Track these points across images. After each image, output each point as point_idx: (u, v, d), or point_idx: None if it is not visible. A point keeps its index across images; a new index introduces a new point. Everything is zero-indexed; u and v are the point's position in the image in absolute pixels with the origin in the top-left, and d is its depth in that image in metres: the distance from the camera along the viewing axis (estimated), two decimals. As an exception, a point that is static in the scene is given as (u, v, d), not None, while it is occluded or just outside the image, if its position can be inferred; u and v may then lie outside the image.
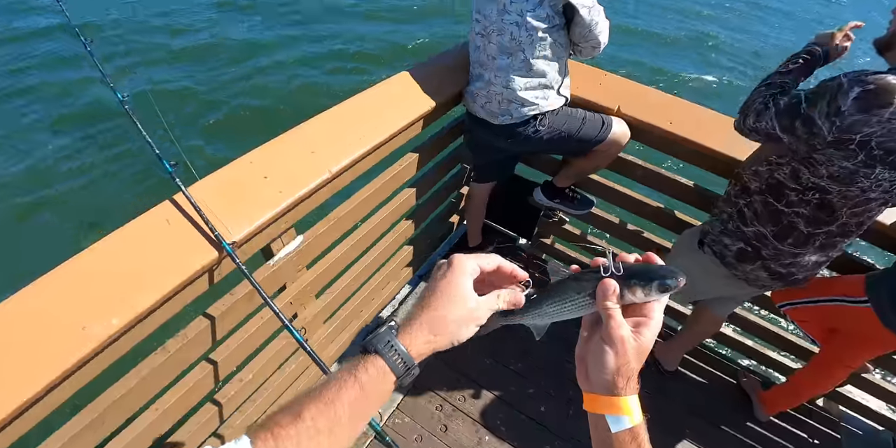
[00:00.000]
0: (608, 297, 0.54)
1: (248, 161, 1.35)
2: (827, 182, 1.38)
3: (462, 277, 0.56)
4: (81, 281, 1.06)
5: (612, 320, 0.53)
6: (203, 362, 1.42)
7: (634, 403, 0.54)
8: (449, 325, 0.54)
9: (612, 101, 1.88)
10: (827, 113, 1.27)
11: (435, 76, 1.81)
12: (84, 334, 0.99)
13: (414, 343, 0.53)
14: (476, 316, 0.56)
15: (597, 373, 0.54)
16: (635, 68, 6.54)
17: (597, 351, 0.54)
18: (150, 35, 6.10)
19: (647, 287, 0.54)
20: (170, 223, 1.19)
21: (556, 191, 2.21)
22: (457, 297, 0.55)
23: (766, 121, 1.42)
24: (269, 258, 1.47)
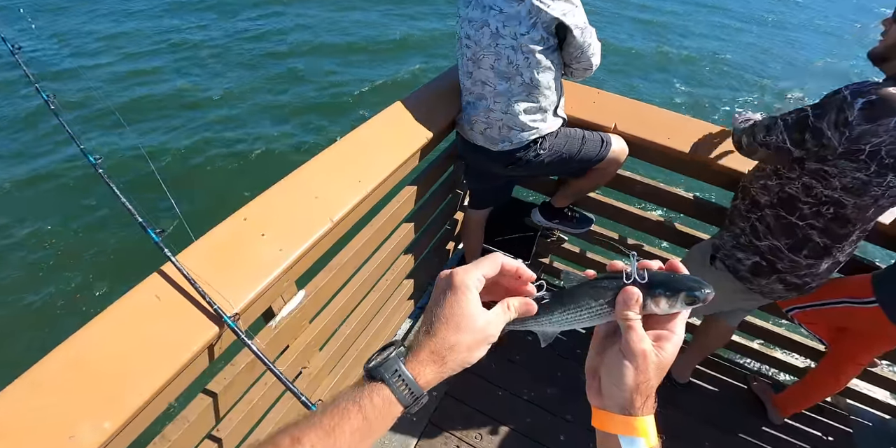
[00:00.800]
0: (630, 307, 0.49)
1: (241, 218, 1.22)
2: (841, 194, 1.37)
3: (466, 296, 0.49)
4: (64, 381, 0.91)
5: (633, 332, 0.49)
6: (206, 441, 1.28)
7: (651, 424, 0.49)
8: (459, 352, 0.49)
9: (608, 118, 1.84)
10: (836, 123, 1.27)
11: (428, 106, 1.72)
12: (72, 445, 0.85)
13: (422, 372, 0.48)
14: (487, 335, 0.50)
15: (612, 389, 0.50)
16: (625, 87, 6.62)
17: (614, 365, 0.50)
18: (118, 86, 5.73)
19: (672, 298, 0.49)
20: (161, 299, 1.05)
21: (554, 211, 2.14)
22: (463, 321, 0.49)
23: (777, 135, 1.42)
24: (270, 319, 1.34)
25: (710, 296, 0.49)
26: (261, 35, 6.89)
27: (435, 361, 0.48)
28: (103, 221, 3.97)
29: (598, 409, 0.52)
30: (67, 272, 3.63)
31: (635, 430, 0.48)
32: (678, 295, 0.49)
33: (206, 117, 5.28)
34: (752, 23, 9.53)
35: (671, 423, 2.11)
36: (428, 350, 0.49)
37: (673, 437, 2.05)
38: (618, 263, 0.53)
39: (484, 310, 0.50)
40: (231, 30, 6.82)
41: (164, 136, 4.99)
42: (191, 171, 4.57)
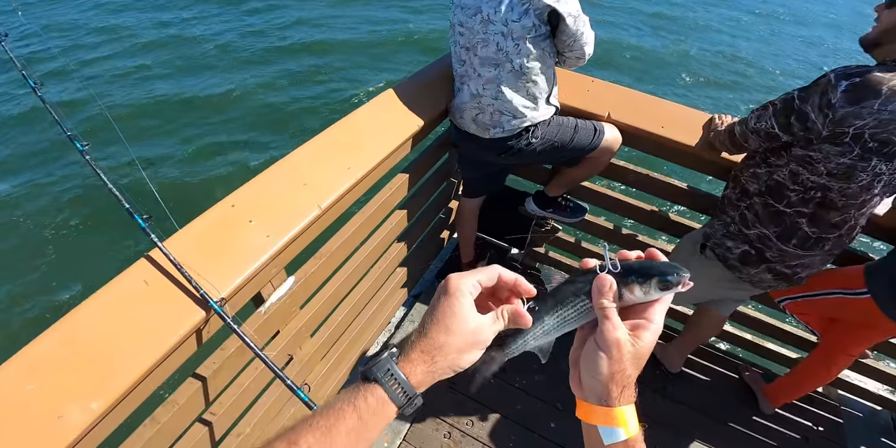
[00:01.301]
0: (604, 294, 0.50)
1: (229, 204, 1.23)
2: (826, 179, 1.37)
3: (459, 300, 0.51)
4: (53, 361, 0.93)
5: (608, 322, 0.49)
6: (197, 424, 1.30)
7: (630, 414, 0.49)
8: (448, 353, 0.50)
9: (602, 107, 1.82)
10: (819, 106, 1.28)
11: (420, 93, 1.71)
12: (61, 424, 0.87)
13: (414, 372, 0.49)
14: (478, 339, 0.51)
15: (589, 379, 0.50)
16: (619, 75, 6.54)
17: (590, 355, 0.50)
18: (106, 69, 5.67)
19: (646, 284, 0.49)
20: (148, 284, 1.06)
21: (548, 200, 2.14)
22: (453, 323, 0.50)
23: (766, 121, 1.42)
24: (259, 305, 1.35)
25: (685, 279, 0.49)
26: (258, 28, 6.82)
27: (425, 361, 0.49)
28: (91, 207, 3.98)
29: (581, 400, 0.52)
30: (55, 256, 3.65)
31: (614, 421, 0.49)
32: (650, 280, 0.49)
33: (195, 106, 5.26)
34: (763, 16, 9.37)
35: (662, 412, 2.13)
36: (418, 349, 0.50)
37: (664, 425, 2.07)
38: (589, 261, 0.53)
39: (476, 314, 0.51)
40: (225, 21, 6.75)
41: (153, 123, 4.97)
42: (180, 160, 4.56)
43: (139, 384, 0.97)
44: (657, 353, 2.28)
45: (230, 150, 4.75)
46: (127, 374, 0.95)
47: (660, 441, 2.01)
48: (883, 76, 1.20)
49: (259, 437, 1.57)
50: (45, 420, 0.86)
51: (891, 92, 1.18)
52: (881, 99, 1.19)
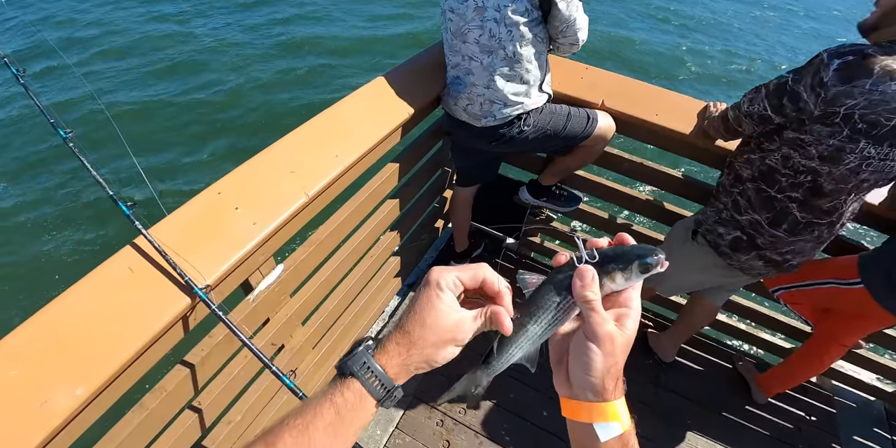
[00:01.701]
0: (587, 286, 0.48)
1: (215, 192, 1.22)
2: (817, 163, 1.36)
3: (436, 293, 0.50)
4: (37, 348, 0.93)
5: (596, 315, 0.48)
6: (187, 410, 1.31)
7: (623, 407, 0.49)
8: (423, 347, 0.49)
9: (596, 95, 1.81)
10: (811, 85, 1.27)
11: (411, 81, 1.69)
12: (45, 410, 0.87)
13: (390, 363, 0.49)
14: (455, 336, 0.49)
15: (582, 376, 0.48)
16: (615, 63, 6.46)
17: (580, 351, 0.48)
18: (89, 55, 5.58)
19: (626, 270, 0.48)
20: (133, 271, 1.06)
21: (541, 189, 2.13)
22: (430, 317, 0.49)
23: (759, 103, 1.41)
24: (248, 292, 1.35)
25: (663, 259, 0.48)
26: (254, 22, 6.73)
27: (400, 353, 0.49)
28: (76, 194, 3.94)
29: (569, 399, 0.51)
30: (40, 244, 3.64)
31: (609, 416, 0.48)
32: (631, 265, 0.48)
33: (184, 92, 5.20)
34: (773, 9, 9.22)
35: (655, 401, 2.14)
36: (394, 341, 0.49)
37: (656, 414, 2.08)
38: (561, 256, 0.52)
39: (456, 310, 0.50)
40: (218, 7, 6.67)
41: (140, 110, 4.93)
42: (167, 146, 4.52)
43: (125, 370, 0.98)
44: (650, 343, 2.28)
45: (217, 137, 4.71)
46: (112, 360, 0.94)
47: (652, 430, 2.03)
48: (876, 56, 1.19)
49: (250, 424, 1.58)
50: (28, 406, 0.86)
51: (883, 72, 1.17)
52: (872, 78, 1.18)
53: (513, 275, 0.55)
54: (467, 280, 0.51)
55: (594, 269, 0.48)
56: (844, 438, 2.12)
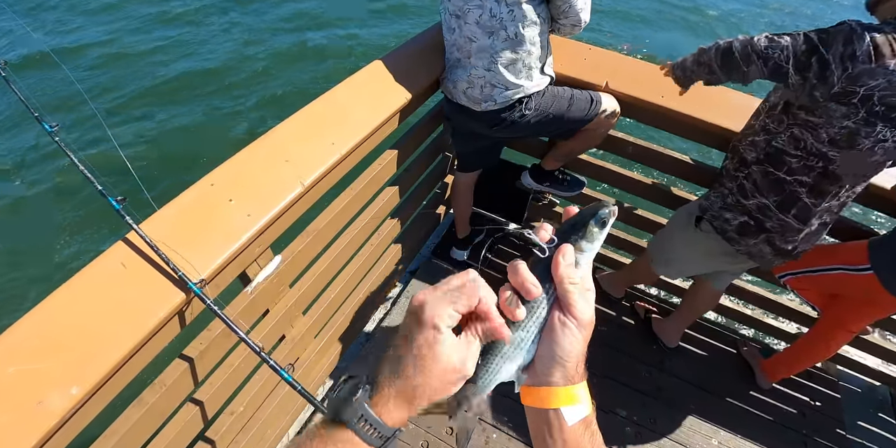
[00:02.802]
0: (567, 267, 0.46)
1: (208, 183, 1.19)
2: (828, 148, 1.32)
3: (435, 337, 0.44)
4: (32, 346, 0.91)
5: (581, 300, 0.46)
6: (188, 404, 1.30)
7: (586, 389, 0.48)
8: (432, 392, 0.45)
9: (600, 76, 1.75)
10: (842, 56, 1.19)
11: (409, 64, 1.64)
12: (41, 410, 0.85)
13: (390, 415, 0.44)
14: (461, 375, 0.45)
15: (553, 362, 0.47)
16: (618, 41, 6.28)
17: (557, 338, 0.47)
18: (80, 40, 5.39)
19: (588, 233, 0.47)
20: (126, 266, 1.03)
21: (544, 174, 2.09)
22: (435, 363, 0.44)
23: (781, 50, 1.27)
24: (247, 284, 1.33)
25: (614, 208, 0.48)
26: None
27: (400, 405, 0.44)
28: (65, 189, 3.86)
29: (533, 388, 0.49)
30: (31, 241, 3.58)
31: (577, 398, 0.47)
32: (587, 227, 0.47)
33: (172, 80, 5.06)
34: None
35: (658, 386, 2.13)
36: (395, 390, 0.44)
37: (660, 400, 2.08)
38: (517, 262, 0.48)
39: (458, 347, 0.45)
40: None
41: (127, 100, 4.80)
42: (158, 138, 4.41)
43: (121, 367, 0.96)
44: (654, 328, 2.27)
45: (210, 127, 4.59)
46: (106, 358, 0.93)
47: (655, 415, 2.02)
48: None
49: (252, 415, 1.58)
50: (24, 405, 0.85)
51: None
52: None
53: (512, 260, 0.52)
54: (463, 307, 0.45)
55: (571, 247, 0.47)
56: (849, 423, 2.12)
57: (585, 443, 0.47)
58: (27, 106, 1.05)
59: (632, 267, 2.26)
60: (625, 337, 2.28)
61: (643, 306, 2.37)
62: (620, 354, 2.22)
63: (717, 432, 2.02)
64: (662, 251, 1.92)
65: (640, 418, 2.01)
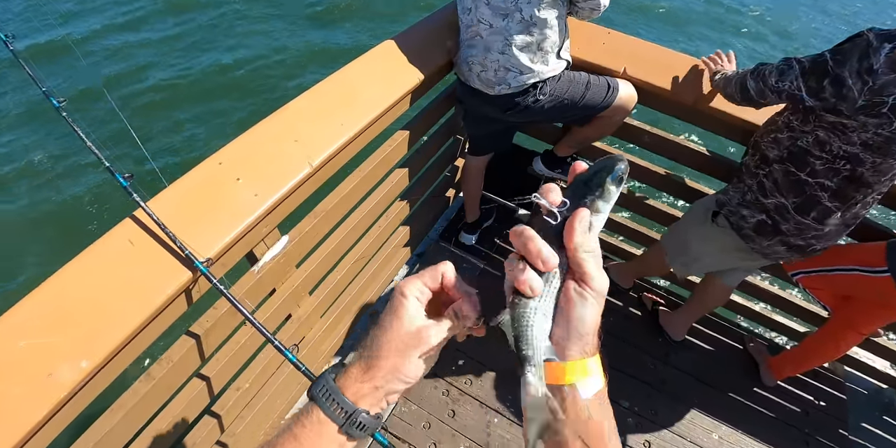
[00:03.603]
0: (582, 230, 0.43)
1: (216, 162, 1.18)
2: (860, 150, 1.26)
3: (399, 301, 0.47)
4: (41, 321, 0.92)
5: (596, 268, 0.44)
6: (195, 379, 1.32)
7: (599, 360, 0.46)
8: (388, 357, 0.45)
9: (618, 62, 1.70)
10: (858, 71, 1.15)
11: (422, 44, 1.60)
12: (51, 382, 0.87)
13: (352, 386, 0.45)
14: (417, 343, 0.46)
15: (570, 336, 0.44)
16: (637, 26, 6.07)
17: (577, 310, 0.44)
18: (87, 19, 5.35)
19: (604, 192, 0.44)
20: (133, 244, 1.04)
21: (556, 160, 2.06)
22: (392, 325, 0.46)
23: (791, 81, 1.29)
24: (254, 263, 1.34)
25: (625, 164, 0.45)
26: None
27: (363, 375, 0.45)
28: (73, 166, 3.86)
29: (547, 363, 0.45)
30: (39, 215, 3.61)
31: (592, 370, 0.44)
32: (604, 186, 0.44)
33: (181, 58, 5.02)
34: None
35: (662, 379, 2.13)
36: (357, 364, 0.46)
37: (663, 392, 2.08)
38: (525, 229, 0.45)
39: (420, 316, 0.47)
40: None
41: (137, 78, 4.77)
42: (167, 116, 4.39)
43: (129, 343, 0.98)
44: (661, 321, 2.26)
45: (219, 105, 4.57)
46: (115, 333, 0.94)
47: (658, 407, 2.03)
48: None
49: (258, 391, 1.61)
50: (35, 377, 0.87)
51: None
52: None
53: None
54: (429, 281, 0.48)
55: (586, 209, 0.43)
56: (853, 425, 2.10)
57: (599, 416, 0.45)
58: (34, 80, 1.04)
59: (643, 258, 2.24)
60: (630, 328, 2.27)
61: (651, 298, 2.36)
62: (625, 345, 2.21)
63: (718, 427, 2.02)
64: (679, 249, 1.88)
65: (641, 409, 2.01)
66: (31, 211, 3.68)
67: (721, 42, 6.31)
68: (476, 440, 1.87)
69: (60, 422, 0.92)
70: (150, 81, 4.69)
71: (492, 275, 2.32)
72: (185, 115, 4.39)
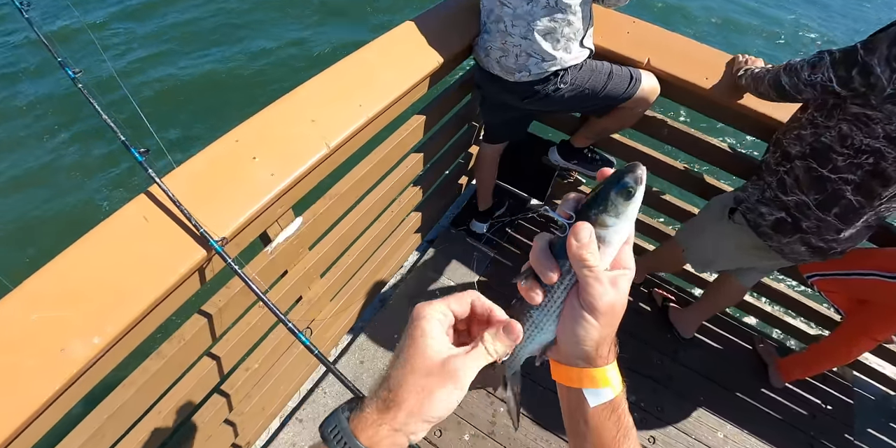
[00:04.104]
0: (584, 244, 0.41)
1: (233, 139, 1.17)
2: (883, 143, 1.25)
3: (420, 328, 0.41)
4: (54, 296, 0.92)
5: (597, 284, 0.42)
6: (205, 358, 1.32)
7: (615, 372, 0.46)
8: (414, 395, 0.39)
9: (642, 52, 1.66)
10: (888, 58, 1.14)
11: (442, 27, 1.57)
12: (64, 357, 0.87)
13: (368, 429, 0.38)
14: (449, 375, 0.39)
15: (573, 345, 0.45)
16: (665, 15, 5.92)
17: (574, 322, 0.44)
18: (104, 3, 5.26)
19: (611, 205, 0.41)
20: (148, 220, 1.03)
21: (573, 151, 2.03)
22: (415, 356, 0.40)
23: (822, 72, 1.28)
24: (267, 244, 1.33)
25: (641, 171, 0.41)
26: None
27: (381, 412, 0.39)
28: (87, 140, 3.84)
29: (559, 364, 0.48)
30: (55, 188, 3.60)
31: (600, 382, 0.45)
32: (609, 199, 0.41)
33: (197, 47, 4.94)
34: None
35: (670, 375, 2.11)
36: (375, 403, 0.39)
37: (670, 389, 2.07)
38: (537, 239, 0.45)
39: (447, 344, 0.41)
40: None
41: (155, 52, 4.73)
42: (184, 92, 4.35)
43: (141, 320, 0.97)
44: (671, 317, 2.24)
45: (237, 81, 4.53)
46: (128, 310, 0.94)
47: (664, 403, 2.02)
48: None
49: (267, 372, 1.61)
50: (48, 352, 0.87)
51: None
52: None
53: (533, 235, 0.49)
54: (458, 308, 0.43)
55: (589, 224, 0.41)
56: (858, 430, 2.08)
57: (610, 428, 0.46)
58: (49, 49, 1.03)
59: (656, 254, 2.22)
60: (640, 323, 2.26)
61: (661, 294, 2.34)
62: (634, 340, 2.20)
63: (723, 426, 2.01)
64: (695, 246, 1.86)
65: (647, 405, 2.01)
66: (44, 181, 3.67)
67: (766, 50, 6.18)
68: (481, 428, 1.87)
69: (72, 396, 0.92)
70: (165, 69, 4.66)
71: (502, 264, 2.31)
72: (198, 104, 4.34)
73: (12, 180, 3.64)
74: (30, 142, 3.92)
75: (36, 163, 3.79)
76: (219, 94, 4.44)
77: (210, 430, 1.47)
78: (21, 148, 3.87)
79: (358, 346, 2.02)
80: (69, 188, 3.62)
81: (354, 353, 2.00)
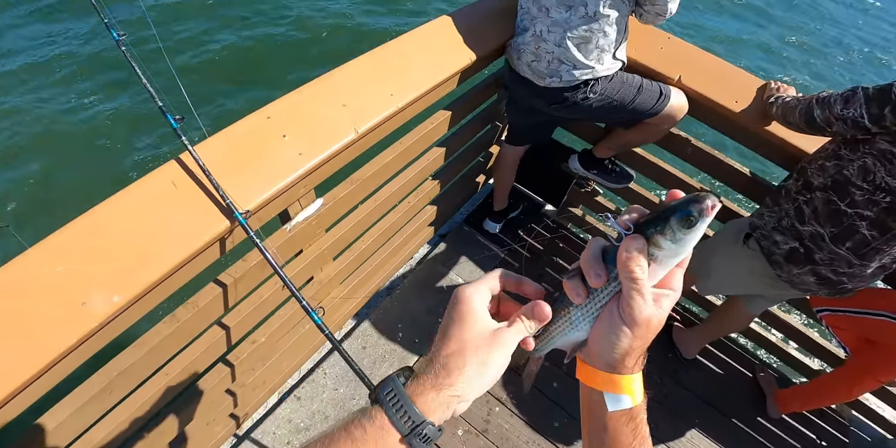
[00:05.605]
0: (632, 259, 0.42)
1: (265, 115, 1.20)
2: None
3: (468, 305, 0.46)
4: (81, 250, 0.95)
5: (640, 298, 0.43)
6: (215, 326, 1.36)
7: (638, 382, 0.48)
8: (471, 359, 0.43)
9: (674, 69, 1.67)
10: None
11: (477, 24, 1.59)
12: (84, 311, 0.90)
13: (426, 394, 0.41)
14: (496, 341, 0.44)
15: (603, 350, 0.46)
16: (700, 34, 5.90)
17: (610, 329, 0.45)
18: None
19: (667, 229, 0.41)
20: (177, 186, 1.06)
21: (594, 161, 2.04)
22: (465, 330, 0.44)
23: (855, 108, 1.27)
24: (286, 222, 1.36)
25: (710, 203, 0.40)
26: None
27: (440, 375, 0.42)
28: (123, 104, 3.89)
29: (585, 364, 0.49)
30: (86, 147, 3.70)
31: (621, 388, 0.46)
32: (669, 223, 0.41)
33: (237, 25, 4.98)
34: None
35: (667, 394, 2.11)
36: (432, 364, 0.43)
37: (666, 408, 2.06)
38: (591, 243, 0.47)
39: (493, 321, 0.46)
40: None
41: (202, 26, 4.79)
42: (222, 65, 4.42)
43: (160, 283, 1.00)
44: (674, 337, 2.23)
45: (274, 58, 4.59)
46: (149, 272, 0.96)
47: (658, 421, 2.01)
48: None
49: (271, 348, 1.65)
50: (70, 304, 0.90)
51: None
52: None
53: (545, 242, 0.51)
54: (494, 285, 0.48)
55: (643, 239, 0.42)
56: None
57: (627, 434, 0.47)
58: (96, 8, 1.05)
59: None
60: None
61: (666, 311, 2.33)
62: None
63: (715, 450, 2.00)
64: (704, 268, 1.86)
65: (641, 419, 2.00)
66: (77, 139, 3.75)
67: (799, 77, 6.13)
68: (475, 425, 1.89)
69: (88, 350, 0.95)
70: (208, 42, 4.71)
71: (511, 266, 2.32)
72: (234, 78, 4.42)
73: (42, 137, 3.72)
74: (67, 100, 4.00)
75: (69, 122, 3.86)
76: (256, 70, 4.50)
77: (212, 398, 1.50)
78: (58, 106, 3.94)
79: (362, 332, 2.04)
80: (99, 150, 3.69)
81: (358, 338, 2.03)
